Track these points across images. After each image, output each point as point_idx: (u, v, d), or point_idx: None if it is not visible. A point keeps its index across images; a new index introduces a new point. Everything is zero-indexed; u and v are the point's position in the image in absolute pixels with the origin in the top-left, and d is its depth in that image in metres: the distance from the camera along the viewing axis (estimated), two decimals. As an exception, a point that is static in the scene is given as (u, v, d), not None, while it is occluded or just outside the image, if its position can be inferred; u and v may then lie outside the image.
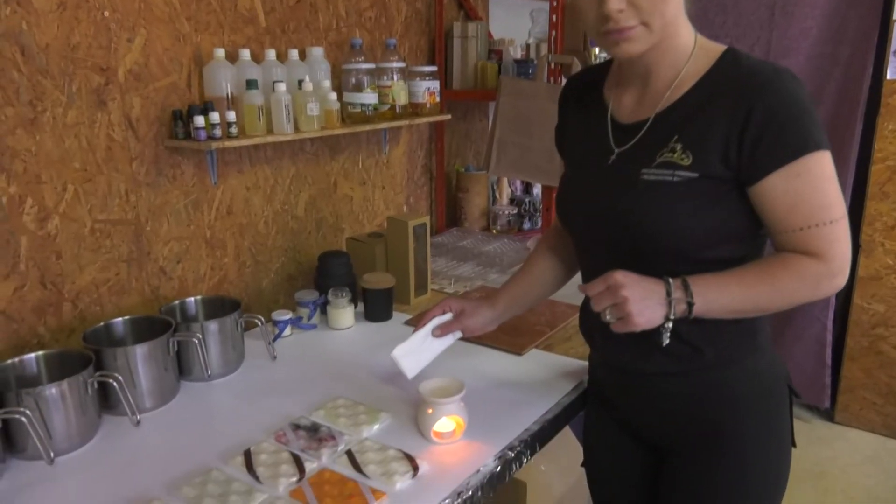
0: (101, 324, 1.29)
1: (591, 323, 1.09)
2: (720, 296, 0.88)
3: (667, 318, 0.88)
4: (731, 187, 0.89)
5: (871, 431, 2.70)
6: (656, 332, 0.89)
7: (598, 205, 0.98)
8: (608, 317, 0.88)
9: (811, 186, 0.85)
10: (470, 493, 1.01)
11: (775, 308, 0.89)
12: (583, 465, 1.27)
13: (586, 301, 1.12)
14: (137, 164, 1.45)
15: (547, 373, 1.36)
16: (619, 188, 0.95)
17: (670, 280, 0.88)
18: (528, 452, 1.14)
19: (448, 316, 1.17)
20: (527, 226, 2.48)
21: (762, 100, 0.84)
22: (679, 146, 0.89)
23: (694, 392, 0.99)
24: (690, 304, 0.87)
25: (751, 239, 0.94)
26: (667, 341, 0.88)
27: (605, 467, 1.19)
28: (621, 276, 0.87)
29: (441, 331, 1.17)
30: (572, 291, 1.27)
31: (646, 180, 0.91)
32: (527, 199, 2.50)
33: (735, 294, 0.88)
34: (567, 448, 1.79)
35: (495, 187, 2.52)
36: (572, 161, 1.09)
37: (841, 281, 0.88)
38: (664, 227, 0.90)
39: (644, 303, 0.86)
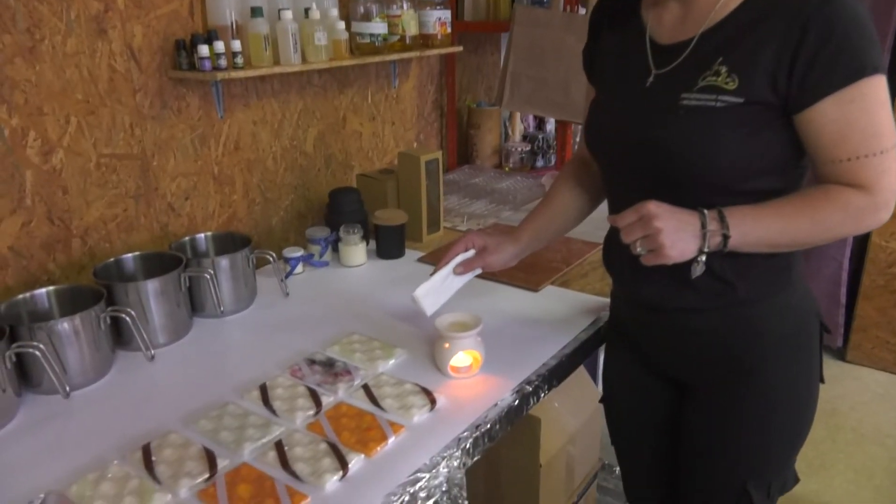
0: (112, 259, 1.28)
1: (618, 257, 1.06)
2: (756, 228, 0.84)
3: (700, 251, 0.84)
4: (776, 114, 0.85)
5: (882, 370, 2.70)
6: (688, 266, 0.86)
7: (632, 132, 0.93)
8: (639, 249, 0.85)
9: (864, 113, 0.80)
10: (488, 426, 1.00)
11: (814, 242, 0.86)
12: (601, 401, 1.27)
13: (612, 234, 1.09)
14: (141, 97, 1.41)
15: (563, 309, 1.35)
16: (656, 114, 0.90)
17: (705, 211, 0.85)
18: (546, 387, 1.13)
19: (471, 253, 1.14)
20: (540, 163, 2.44)
21: (818, 17, 0.79)
22: (724, 69, 0.84)
23: (723, 328, 0.97)
24: (725, 237, 0.84)
25: (791, 170, 0.90)
26: (698, 273, 0.85)
27: (625, 404, 1.19)
28: (654, 207, 0.84)
29: (463, 268, 1.14)
30: (588, 228, 1.24)
31: (686, 105, 0.87)
32: (540, 136, 2.45)
33: (772, 227, 0.84)
34: (579, 385, 1.79)
35: (507, 123, 2.46)
36: (603, 85, 1.04)
37: (885, 215, 0.84)
38: (703, 157, 0.86)
39: (678, 234, 0.83)
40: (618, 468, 2.06)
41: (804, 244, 0.86)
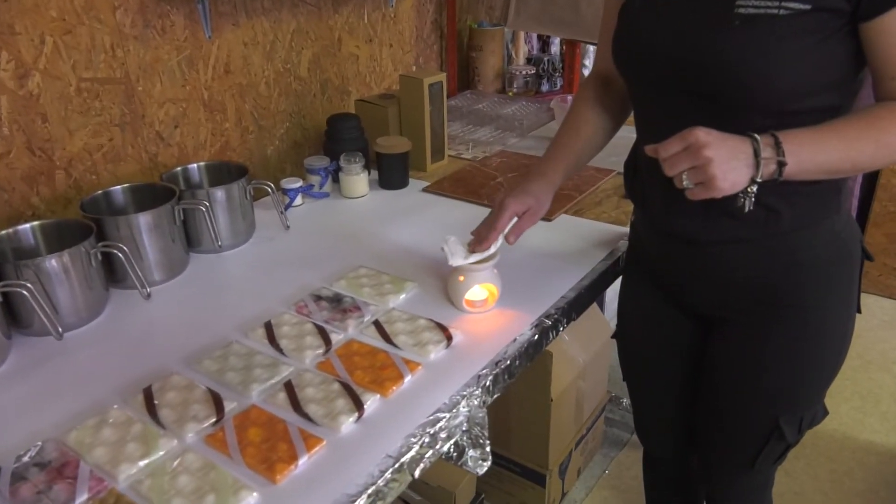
0: (100, 192, 1.21)
1: (644, 186, 1.01)
2: (816, 154, 0.77)
3: (752, 181, 0.77)
4: (844, 23, 0.77)
5: (889, 297, 2.69)
6: (732, 198, 0.79)
7: (674, 47, 0.85)
8: (685, 182, 0.78)
9: None
10: (508, 362, 0.97)
11: (877, 166, 0.78)
12: (614, 336, 1.24)
13: (637, 162, 1.03)
14: (121, 14, 1.30)
15: (579, 239, 1.32)
16: (704, 23, 0.81)
17: (757, 137, 0.77)
18: (565, 320, 1.11)
19: (514, 220, 1.07)
20: (545, 87, 2.35)
21: None
22: None
23: (763, 259, 0.92)
24: (781, 165, 0.77)
25: (849, 85, 0.82)
26: (750, 207, 0.79)
27: (642, 339, 1.16)
28: (703, 134, 0.76)
29: (515, 236, 1.07)
30: (599, 154, 1.19)
31: (742, 14, 0.78)
32: (545, 59, 2.34)
33: (833, 151, 0.77)
34: (589, 318, 1.77)
35: (511, 45, 2.36)
36: None
37: None
38: (761, 75, 0.78)
39: (730, 164, 0.75)
40: (625, 400, 2.07)
41: (865, 169, 0.79)
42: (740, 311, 0.97)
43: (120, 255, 1.07)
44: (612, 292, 1.51)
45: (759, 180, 0.77)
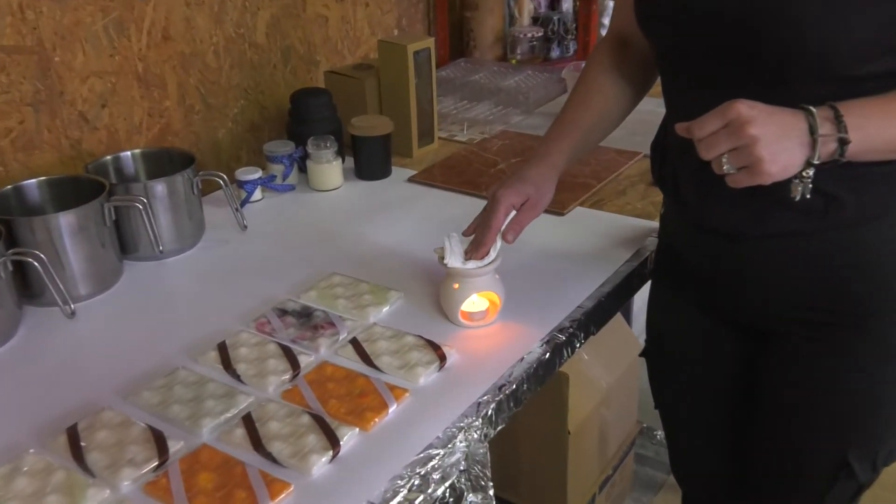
0: (9, 187, 1.21)
1: (678, 174, 1.01)
2: (884, 128, 0.77)
3: (807, 164, 0.77)
4: None
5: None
6: (784, 184, 0.79)
7: (715, 1, 0.85)
8: (726, 167, 0.78)
9: None
10: (514, 386, 0.98)
11: None
12: (643, 354, 1.25)
13: (666, 144, 1.04)
14: (33, -32, 1.30)
15: (598, 236, 1.33)
16: None
17: (813, 110, 0.77)
18: (582, 335, 1.11)
19: (512, 214, 1.09)
20: (555, 53, 2.37)
21: None
22: None
23: (820, 257, 0.93)
24: (843, 143, 0.77)
25: None
26: (805, 195, 0.79)
27: (678, 357, 1.17)
28: (746, 108, 0.76)
29: (514, 233, 1.07)
30: (619, 133, 1.21)
31: None
32: (555, 18, 2.36)
33: None
34: (613, 332, 1.78)
35: (513, 3, 2.37)
36: None
37: None
38: (818, 29, 0.79)
39: (780, 144, 0.75)
40: (659, 432, 2.08)
41: None
42: (795, 323, 0.98)
43: (36, 264, 1.07)
44: (640, 300, 1.52)
45: (815, 162, 0.77)
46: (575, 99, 1.13)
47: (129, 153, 1.36)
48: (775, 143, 0.75)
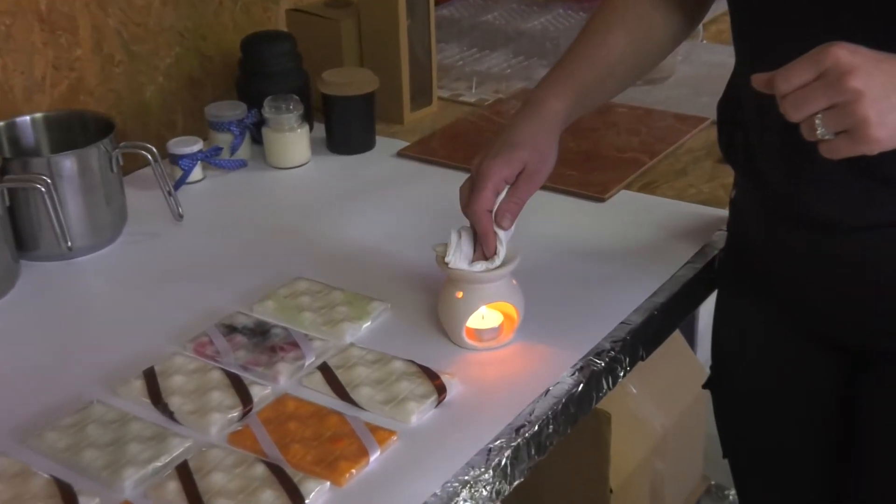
0: None
1: (756, 144, 1.02)
2: None
3: None
4: None
5: None
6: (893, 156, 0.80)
7: None
8: (820, 130, 0.79)
9: None
10: (536, 428, 0.98)
11: None
12: (708, 385, 1.26)
13: (738, 105, 1.05)
14: None
15: (650, 229, 1.34)
16: None
17: None
18: (626, 361, 1.12)
19: (505, 191, 1.08)
20: (595, -15, 2.36)
21: None
22: None
23: None
24: None
25: None
26: None
27: (756, 389, 1.18)
28: (846, 54, 0.77)
29: (512, 215, 1.07)
30: (682, 91, 1.21)
31: None
32: (594, -61, 2.36)
33: None
34: (670, 358, 1.79)
35: (539, -82, 2.37)
36: None
37: None
38: None
39: (890, 101, 0.76)
40: (731, 492, 2.08)
41: None
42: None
43: None
44: (707, 315, 1.53)
45: None
46: (592, 25, 1.14)
47: (27, 118, 1.37)
48: (884, 100, 0.76)
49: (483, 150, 1.10)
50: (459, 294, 1.08)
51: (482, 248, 1.06)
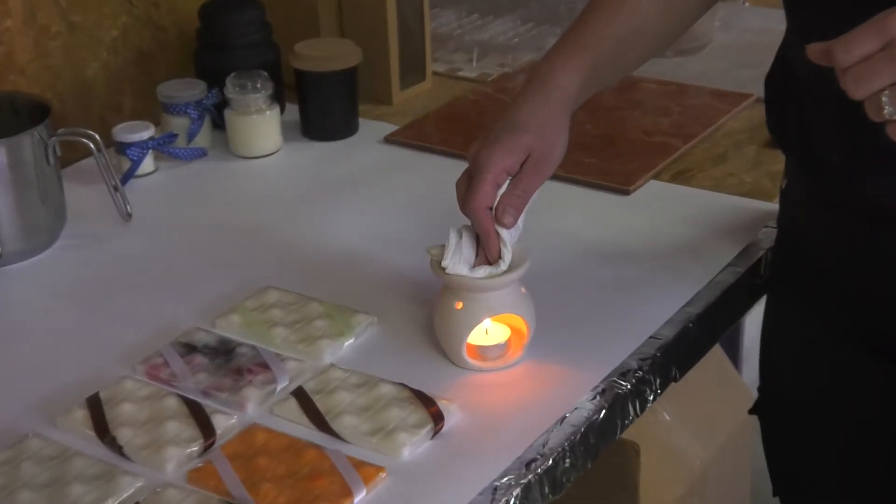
0: None
1: (809, 124, 1.02)
2: None
3: None
4: None
5: None
6: None
7: None
8: (886, 109, 0.78)
9: None
10: (550, 462, 0.98)
11: None
12: (753, 410, 1.27)
13: (789, 79, 1.05)
14: None
15: (683, 227, 1.35)
16: None
17: None
18: (658, 382, 1.12)
19: (506, 184, 1.08)
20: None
21: None
22: None
23: None
24: None
25: None
26: None
27: (810, 411, 1.18)
28: None
29: (515, 210, 1.07)
30: (721, 65, 1.21)
31: None
32: None
33: None
34: (709, 378, 1.78)
35: None
36: None
37: None
38: None
39: None
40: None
41: None
42: None
43: None
44: (754, 328, 1.52)
45: None
46: None
47: (-56, 101, 1.38)
48: None
49: (481, 135, 1.10)
50: (459, 305, 1.07)
51: (484, 250, 1.06)
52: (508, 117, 1.08)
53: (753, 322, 1.37)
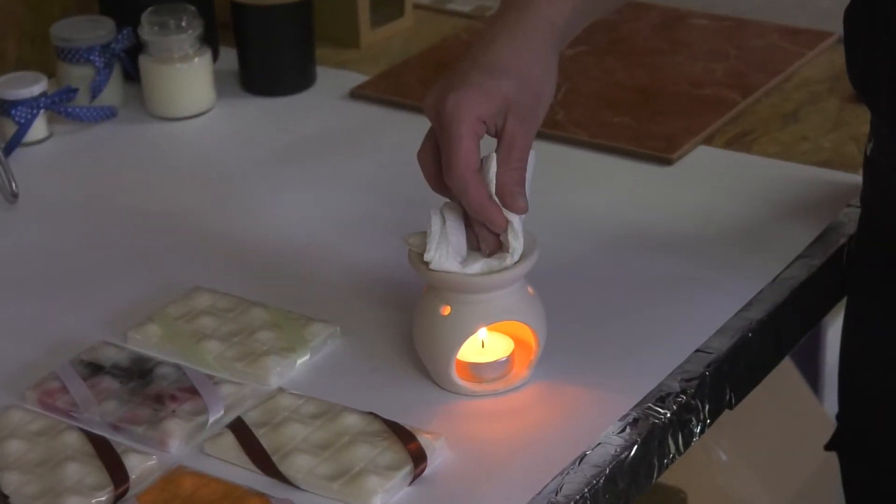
0: None
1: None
2: None
3: None
4: None
5: None
6: None
7: None
8: None
9: None
10: None
11: None
12: (831, 445, 1.30)
13: (877, 13, 1.06)
14: None
15: (742, 206, 1.36)
16: None
17: None
18: (707, 409, 1.13)
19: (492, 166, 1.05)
20: None
21: None
22: None
23: None
24: None
25: None
26: None
27: None
28: None
29: (520, 187, 1.04)
30: None
31: None
32: None
33: None
34: (781, 404, 1.80)
35: None
36: None
37: None
38: None
39: None
40: None
41: None
42: None
43: None
44: (838, 339, 1.53)
45: None
46: None
47: None
48: None
49: (441, 81, 1.07)
50: (446, 310, 1.08)
51: (478, 236, 1.06)
52: (479, 58, 1.06)
53: (837, 333, 1.35)
